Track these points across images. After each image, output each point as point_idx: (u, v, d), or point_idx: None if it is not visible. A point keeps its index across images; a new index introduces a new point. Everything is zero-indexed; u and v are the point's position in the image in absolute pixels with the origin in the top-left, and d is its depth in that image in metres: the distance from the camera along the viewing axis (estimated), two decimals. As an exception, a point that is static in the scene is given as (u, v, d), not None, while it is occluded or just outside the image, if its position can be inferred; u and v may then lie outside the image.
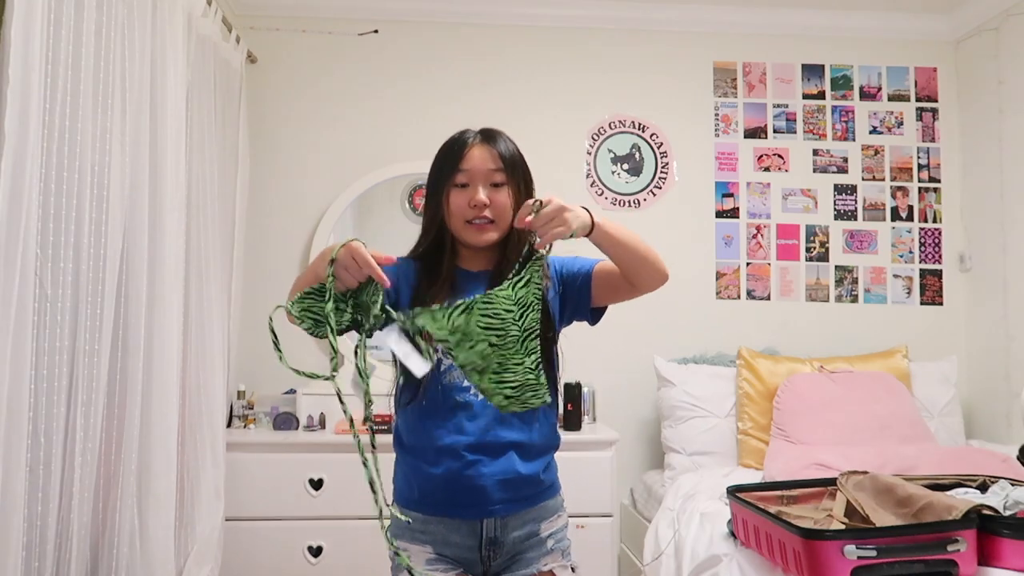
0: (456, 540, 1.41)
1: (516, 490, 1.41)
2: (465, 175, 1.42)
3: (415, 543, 1.42)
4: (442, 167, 1.45)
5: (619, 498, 3.01)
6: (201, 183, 2.48)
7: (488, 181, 1.42)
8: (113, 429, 1.94)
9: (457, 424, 1.38)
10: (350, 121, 3.23)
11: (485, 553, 1.42)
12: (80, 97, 1.72)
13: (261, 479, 2.65)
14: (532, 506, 1.45)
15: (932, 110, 3.40)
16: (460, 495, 1.39)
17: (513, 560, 1.45)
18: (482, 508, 1.40)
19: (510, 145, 1.47)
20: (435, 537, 1.42)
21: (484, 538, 1.42)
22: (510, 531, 1.43)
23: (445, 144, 1.47)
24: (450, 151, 1.45)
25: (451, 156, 1.44)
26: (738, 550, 1.87)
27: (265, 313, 1.25)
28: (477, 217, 1.41)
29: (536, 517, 1.46)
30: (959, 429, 2.99)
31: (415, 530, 1.42)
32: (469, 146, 1.43)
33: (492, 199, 1.42)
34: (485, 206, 1.41)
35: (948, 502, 1.61)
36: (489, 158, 1.42)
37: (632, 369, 3.18)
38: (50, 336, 1.65)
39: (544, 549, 1.46)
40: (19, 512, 1.50)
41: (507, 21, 3.30)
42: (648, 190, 3.31)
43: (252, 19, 3.18)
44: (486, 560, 1.43)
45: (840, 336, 3.24)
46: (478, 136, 1.45)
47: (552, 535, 1.48)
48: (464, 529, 1.41)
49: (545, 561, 1.46)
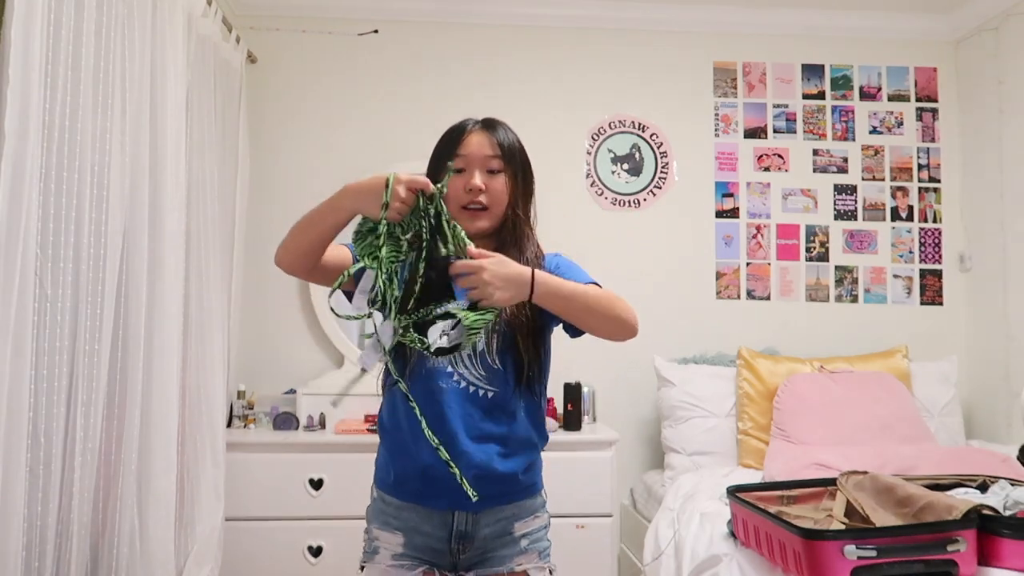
0: (427, 530, 1.40)
1: (491, 486, 1.35)
2: (462, 160, 1.42)
3: (387, 530, 1.42)
4: (441, 152, 1.46)
5: (619, 498, 3.01)
6: (201, 183, 2.48)
7: (485, 167, 1.42)
8: (113, 429, 1.94)
9: (438, 411, 1.35)
10: (350, 121, 3.23)
11: (455, 546, 1.40)
12: (80, 97, 1.72)
13: (261, 479, 2.65)
14: (506, 504, 1.42)
15: (932, 110, 3.40)
16: (433, 484, 1.36)
17: (484, 557, 1.42)
18: (453, 500, 1.36)
19: (510, 135, 1.47)
20: (407, 524, 1.41)
21: (455, 531, 1.40)
22: (482, 527, 1.40)
23: (446, 131, 1.48)
24: (450, 136, 1.46)
25: (450, 141, 1.45)
26: (738, 550, 1.87)
27: (265, 313, 1.25)
28: (472, 203, 1.41)
29: (511, 515, 1.43)
30: (959, 429, 2.99)
31: (389, 515, 1.42)
32: (468, 132, 1.44)
33: (488, 185, 1.42)
34: (480, 191, 1.41)
35: (948, 502, 1.61)
36: (487, 144, 1.43)
37: (632, 369, 3.18)
38: (50, 336, 1.65)
39: (517, 548, 1.43)
40: (19, 512, 1.50)
41: (507, 21, 3.30)
42: (648, 190, 3.31)
43: (252, 19, 3.18)
44: (455, 553, 1.41)
45: (840, 336, 3.24)
46: (478, 124, 1.46)
47: (527, 535, 1.44)
48: (435, 519, 1.39)
49: (519, 561, 1.43)
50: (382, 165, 3.15)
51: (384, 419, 1.46)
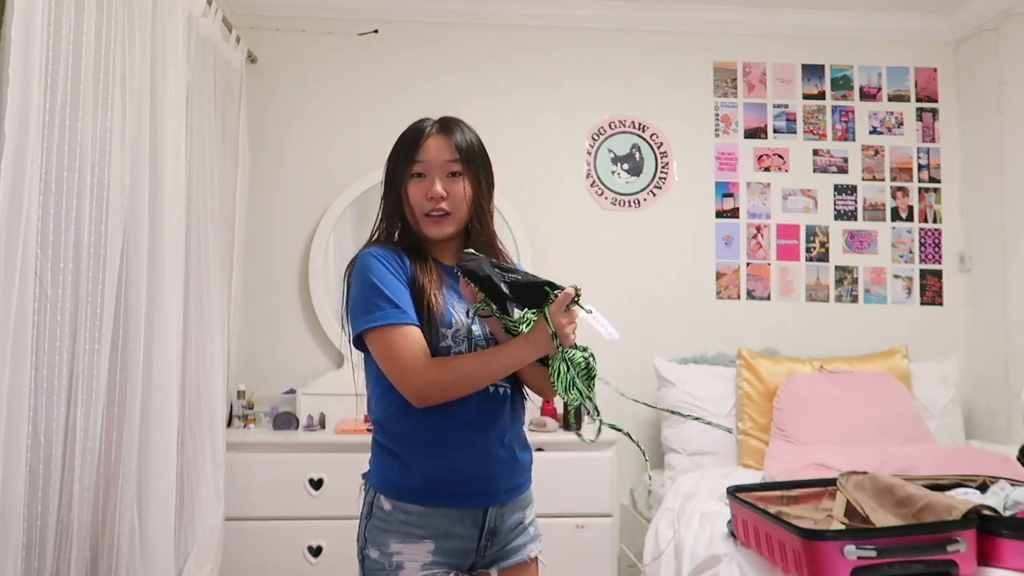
0: (459, 531, 1.39)
1: (516, 476, 1.44)
2: (422, 166, 1.41)
3: (411, 541, 1.36)
4: (399, 157, 1.44)
5: (619, 498, 3.00)
6: (201, 183, 2.48)
7: (445, 172, 1.41)
8: (113, 429, 1.94)
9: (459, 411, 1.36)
10: (350, 121, 3.23)
11: (483, 543, 1.41)
12: (80, 97, 1.72)
13: (261, 479, 2.65)
14: (523, 494, 1.49)
15: (932, 110, 3.40)
16: (469, 483, 1.38)
17: (504, 550, 1.45)
18: (490, 496, 1.40)
19: (468, 135, 1.46)
20: (436, 531, 1.37)
21: (486, 528, 1.41)
22: (506, 520, 1.44)
23: (403, 134, 1.46)
24: (407, 141, 1.44)
25: (408, 147, 1.43)
26: (738, 550, 1.87)
27: (265, 313, 1.26)
28: (434, 210, 1.41)
29: (523, 504, 1.49)
30: (959, 429, 2.99)
31: (412, 525, 1.36)
32: (425, 136, 1.43)
33: (449, 191, 1.41)
34: (442, 198, 1.40)
35: (948, 502, 1.61)
36: (446, 148, 1.42)
37: (632, 369, 3.18)
38: (50, 336, 1.65)
39: (528, 536, 1.49)
40: (19, 512, 1.50)
41: (507, 21, 3.30)
42: (648, 190, 3.31)
43: (252, 19, 3.18)
44: (481, 551, 1.42)
45: (840, 336, 3.24)
46: (435, 125, 1.45)
47: (532, 522, 1.51)
48: (467, 519, 1.39)
49: (531, 548, 1.49)
50: (382, 165, 3.14)
51: (397, 428, 1.40)
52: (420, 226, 1.44)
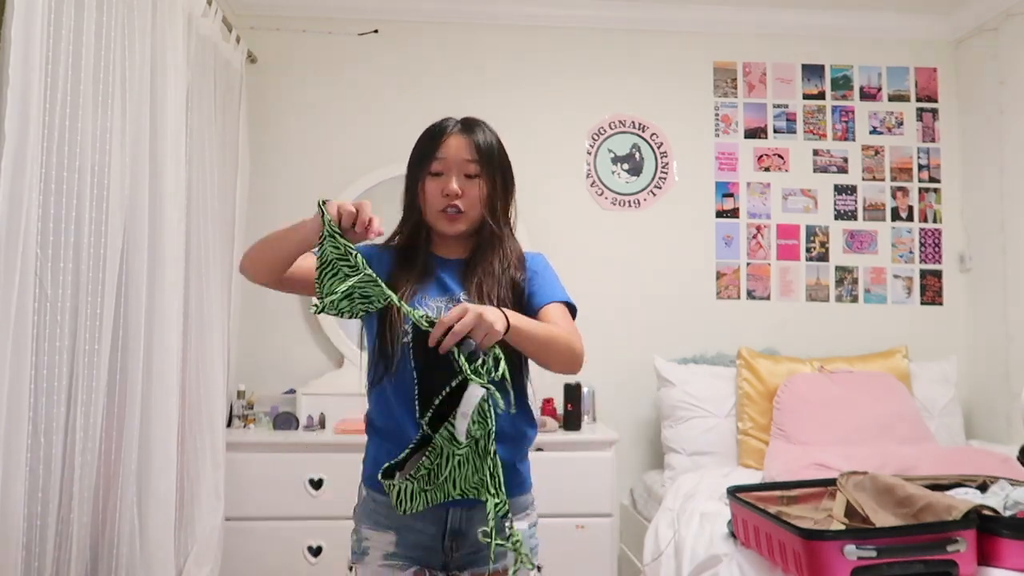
0: (419, 528, 1.38)
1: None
2: (441, 163, 1.43)
3: (377, 529, 1.40)
4: (420, 154, 1.47)
5: (619, 498, 3.00)
6: (201, 183, 2.48)
7: (463, 171, 1.43)
8: (113, 429, 1.94)
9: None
10: (350, 121, 3.23)
11: (448, 544, 1.39)
12: (80, 97, 1.72)
13: (261, 479, 2.65)
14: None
15: (932, 110, 3.40)
16: None
17: (476, 555, 1.41)
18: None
19: (488, 137, 1.47)
20: (398, 523, 1.38)
21: (448, 528, 1.39)
22: (475, 524, 1.37)
23: (425, 131, 1.48)
24: (429, 139, 1.46)
25: (429, 143, 1.45)
26: (738, 550, 1.87)
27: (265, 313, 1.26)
28: (449, 206, 1.43)
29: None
30: (959, 429, 2.99)
31: (379, 514, 1.40)
32: (447, 135, 1.45)
33: (464, 190, 1.43)
34: (457, 196, 1.42)
35: (948, 502, 1.61)
36: (465, 148, 1.44)
37: (632, 369, 3.18)
38: (50, 336, 1.65)
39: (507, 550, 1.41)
40: (19, 512, 1.50)
41: (507, 21, 3.30)
42: (648, 190, 3.31)
43: (252, 19, 3.17)
44: (448, 551, 1.40)
45: (840, 336, 3.24)
46: (458, 125, 1.46)
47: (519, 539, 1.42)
48: (428, 516, 1.36)
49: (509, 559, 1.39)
50: (382, 164, 3.16)
51: (374, 418, 1.46)
52: (434, 222, 1.46)
